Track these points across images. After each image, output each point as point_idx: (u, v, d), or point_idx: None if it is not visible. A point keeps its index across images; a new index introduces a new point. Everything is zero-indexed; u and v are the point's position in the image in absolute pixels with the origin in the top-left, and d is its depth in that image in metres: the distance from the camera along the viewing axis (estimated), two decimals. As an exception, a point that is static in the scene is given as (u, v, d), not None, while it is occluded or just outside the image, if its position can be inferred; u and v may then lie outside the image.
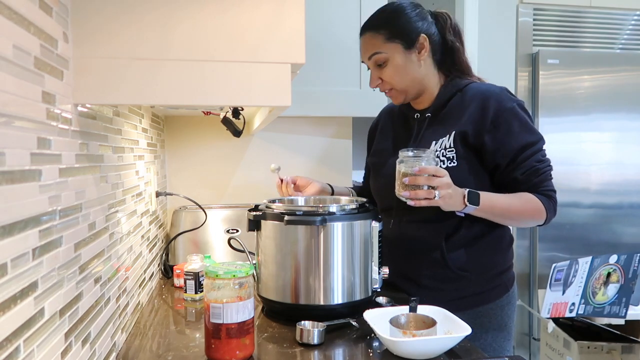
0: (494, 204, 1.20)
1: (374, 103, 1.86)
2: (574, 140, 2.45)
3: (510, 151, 1.22)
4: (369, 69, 1.34)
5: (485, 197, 1.19)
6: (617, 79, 2.48)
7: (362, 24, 1.34)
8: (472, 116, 1.24)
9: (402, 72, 1.27)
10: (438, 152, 1.26)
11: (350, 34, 1.83)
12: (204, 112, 1.68)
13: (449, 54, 1.32)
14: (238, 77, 0.84)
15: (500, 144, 1.22)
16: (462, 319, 1.05)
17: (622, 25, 2.56)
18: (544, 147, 1.25)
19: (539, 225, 1.30)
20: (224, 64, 0.83)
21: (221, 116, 1.64)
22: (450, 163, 1.24)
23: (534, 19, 2.45)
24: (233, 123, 1.65)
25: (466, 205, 1.16)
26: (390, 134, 1.44)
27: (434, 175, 1.12)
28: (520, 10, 2.43)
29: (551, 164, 1.26)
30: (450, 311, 1.10)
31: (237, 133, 1.68)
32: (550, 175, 1.25)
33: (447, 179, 1.13)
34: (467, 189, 1.18)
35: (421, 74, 1.29)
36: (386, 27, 1.26)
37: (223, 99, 0.85)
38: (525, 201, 1.23)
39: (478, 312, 1.28)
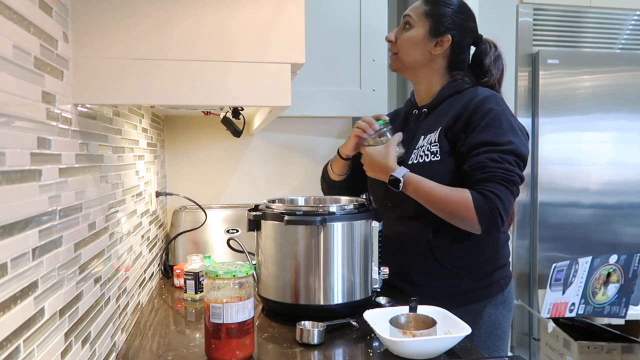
0: (420, 186, 1.21)
1: (374, 103, 1.86)
2: (574, 140, 2.45)
3: (469, 144, 1.20)
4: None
5: (415, 178, 1.22)
6: (617, 79, 2.47)
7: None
8: (454, 113, 1.26)
9: (412, 45, 1.32)
10: (425, 147, 1.29)
11: (351, 34, 1.83)
12: (204, 112, 1.68)
13: (461, 59, 1.35)
14: (238, 77, 0.84)
15: (466, 137, 1.22)
16: (457, 315, 1.05)
17: (622, 25, 2.55)
18: (514, 156, 1.17)
19: (482, 234, 1.19)
20: (224, 64, 0.83)
21: (221, 116, 1.64)
22: (433, 157, 1.26)
23: (534, 19, 2.45)
24: (233, 123, 1.65)
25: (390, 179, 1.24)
26: (391, 134, 1.46)
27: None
28: (520, 10, 2.43)
29: (515, 175, 1.16)
30: (446, 308, 1.10)
31: (237, 133, 1.67)
32: (504, 181, 1.15)
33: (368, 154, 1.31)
34: (399, 169, 1.23)
35: (424, 62, 1.33)
36: (432, 4, 1.32)
37: (223, 99, 0.85)
38: (453, 191, 1.18)
39: (471, 310, 1.28)
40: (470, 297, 1.30)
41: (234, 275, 0.95)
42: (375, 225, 1.23)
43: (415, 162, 1.29)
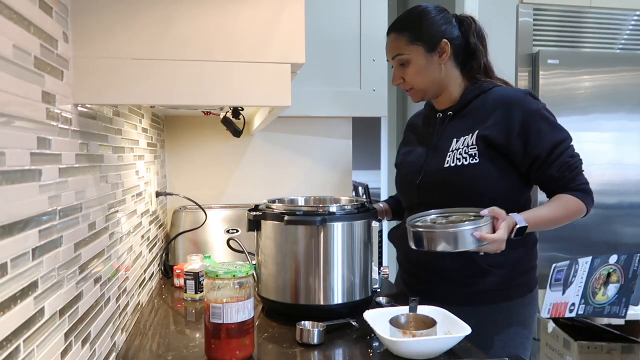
0: (539, 221, 1.23)
1: (374, 103, 1.87)
2: (574, 140, 2.44)
3: (543, 150, 1.24)
4: (392, 67, 1.38)
5: (531, 217, 1.21)
6: (617, 79, 2.47)
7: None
8: (497, 120, 1.25)
9: (422, 73, 1.31)
10: (461, 150, 1.28)
11: (351, 34, 1.83)
12: (204, 112, 1.68)
13: (471, 56, 1.35)
14: (238, 77, 0.84)
15: (533, 145, 1.24)
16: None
17: (622, 25, 2.55)
18: (572, 143, 1.29)
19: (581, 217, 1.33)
20: (223, 64, 0.83)
21: (221, 116, 1.64)
22: (472, 160, 1.25)
23: (534, 19, 2.45)
24: (233, 123, 1.65)
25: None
26: (415, 137, 1.48)
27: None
28: (520, 10, 2.43)
29: (580, 157, 1.30)
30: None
31: (237, 133, 1.67)
32: (582, 169, 1.29)
33: (495, 245, 1.13)
34: (517, 226, 1.17)
35: (441, 76, 1.33)
36: (410, 29, 1.30)
37: (223, 99, 0.85)
38: (567, 205, 1.26)
39: (500, 308, 1.29)
40: (500, 295, 1.30)
41: (234, 275, 0.95)
42: (375, 225, 1.23)
43: (452, 164, 1.28)
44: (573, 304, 1.84)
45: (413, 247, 1.14)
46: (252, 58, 0.84)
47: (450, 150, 1.30)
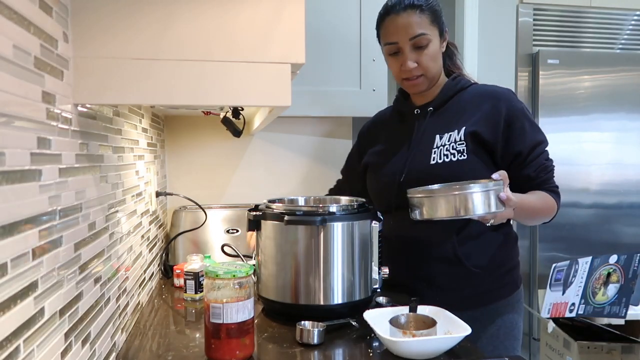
0: (524, 203, 1.19)
1: (374, 103, 1.86)
2: (574, 140, 2.45)
3: (525, 148, 1.25)
4: (396, 52, 1.29)
5: (518, 197, 1.15)
6: (617, 79, 2.47)
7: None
8: (485, 115, 1.26)
9: (436, 57, 1.30)
10: (447, 145, 1.26)
11: (351, 34, 1.83)
12: (204, 112, 1.68)
13: (450, 54, 1.38)
14: (238, 77, 0.84)
15: (514, 142, 1.25)
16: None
17: (622, 25, 2.55)
18: (547, 147, 1.30)
19: (544, 223, 1.34)
20: (223, 64, 0.83)
21: (221, 116, 1.64)
22: (460, 156, 1.24)
23: (534, 19, 2.45)
24: (233, 123, 1.65)
25: None
26: (387, 135, 1.43)
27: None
28: (520, 10, 2.43)
29: (554, 164, 1.31)
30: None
31: (237, 133, 1.67)
32: (554, 174, 1.30)
33: (508, 211, 1.12)
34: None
35: (441, 64, 1.34)
36: (430, 10, 1.26)
37: (223, 99, 0.85)
38: (546, 200, 1.26)
39: (491, 310, 1.29)
40: (491, 296, 1.30)
41: (234, 275, 0.95)
42: (375, 225, 1.23)
43: (440, 161, 1.25)
44: (573, 304, 1.84)
45: (417, 217, 1.10)
46: (252, 58, 0.84)
47: (436, 146, 1.28)
